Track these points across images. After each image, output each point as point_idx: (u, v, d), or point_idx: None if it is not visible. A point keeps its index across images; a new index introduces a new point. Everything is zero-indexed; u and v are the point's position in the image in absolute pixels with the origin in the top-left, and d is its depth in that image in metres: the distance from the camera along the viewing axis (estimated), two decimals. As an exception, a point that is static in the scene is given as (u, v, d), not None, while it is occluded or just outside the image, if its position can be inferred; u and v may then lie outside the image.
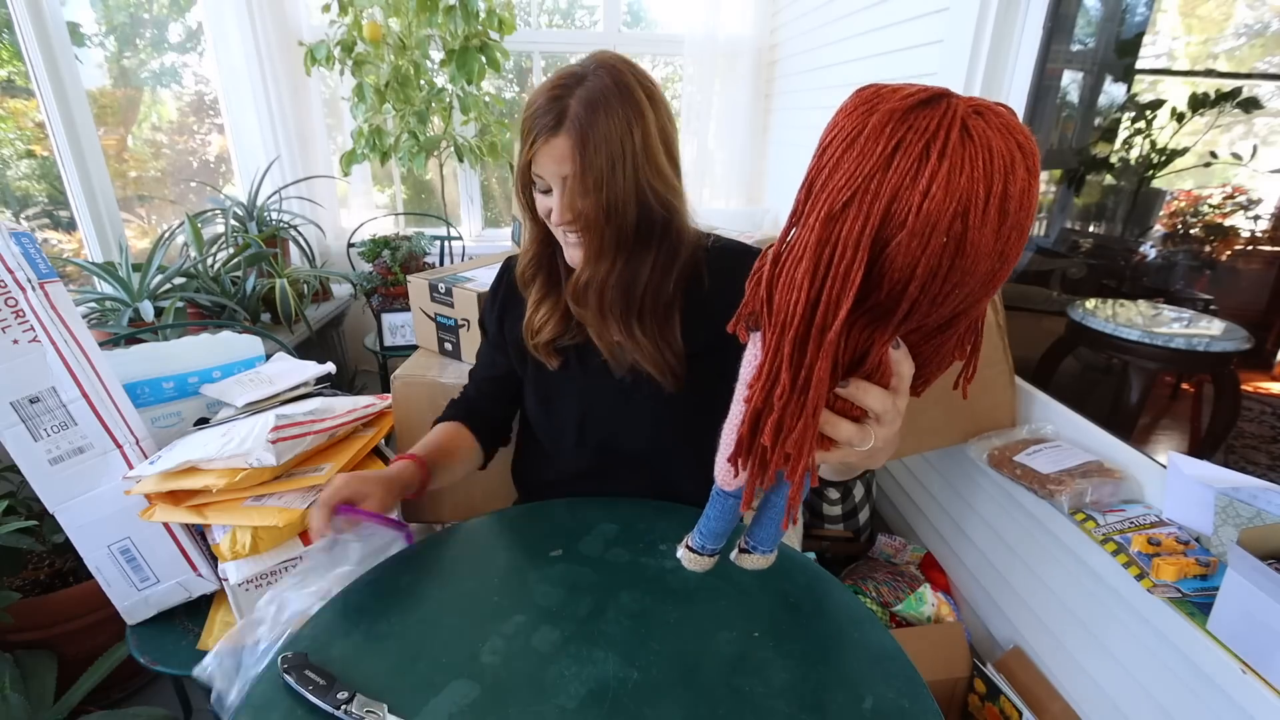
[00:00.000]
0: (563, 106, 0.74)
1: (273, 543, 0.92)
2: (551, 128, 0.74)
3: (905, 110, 0.37)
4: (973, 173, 0.36)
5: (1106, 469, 1.05)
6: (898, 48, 1.61)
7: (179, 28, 2.48)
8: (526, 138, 0.77)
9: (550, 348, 0.89)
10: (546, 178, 0.77)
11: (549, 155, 0.75)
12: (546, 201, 0.80)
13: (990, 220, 0.36)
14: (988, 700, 1.19)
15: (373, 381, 2.82)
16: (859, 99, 0.39)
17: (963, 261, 0.37)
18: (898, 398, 0.44)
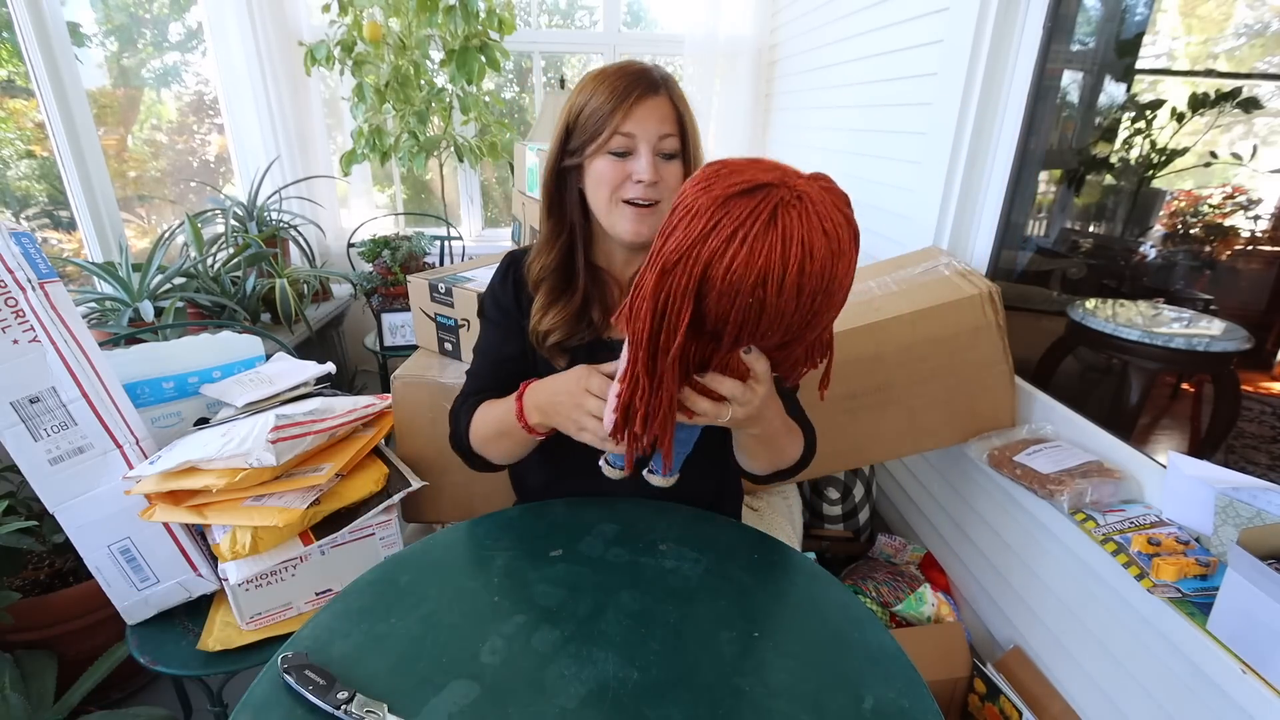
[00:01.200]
0: (657, 76, 0.79)
1: (273, 543, 0.92)
2: (653, 88, 0.78)
3: (727, 197, 0.49)
4: (769, 254, 0.47)
5: (1106, 469, 1.05)
6: (898, 48, 1.61)
7: (179, 27, 2.48)
8: (615, 97, 0.77)
9: (559, 349, 0.88)
10: (639, 136, 0.78)
11: (651, 111, 0.77)
12: (622, 167, 0.79)
13: (788, 290, 0.48)
14: (988, 700, 1.19)
15: (373, 381, 2.82)
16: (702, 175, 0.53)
17: (769, 316, 0.50)
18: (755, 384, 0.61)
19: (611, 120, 0.77)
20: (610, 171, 0.79)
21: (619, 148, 0.78)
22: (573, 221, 0.87)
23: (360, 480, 1.02)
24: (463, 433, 0.91)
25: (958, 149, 1.37)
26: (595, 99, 0.78)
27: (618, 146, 0.78)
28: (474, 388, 0.96)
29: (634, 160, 0.79)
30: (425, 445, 1.24)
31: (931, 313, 1.17)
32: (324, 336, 2.36)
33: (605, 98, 0.78)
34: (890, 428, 1.23)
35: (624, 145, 0.78)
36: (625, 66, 0.80)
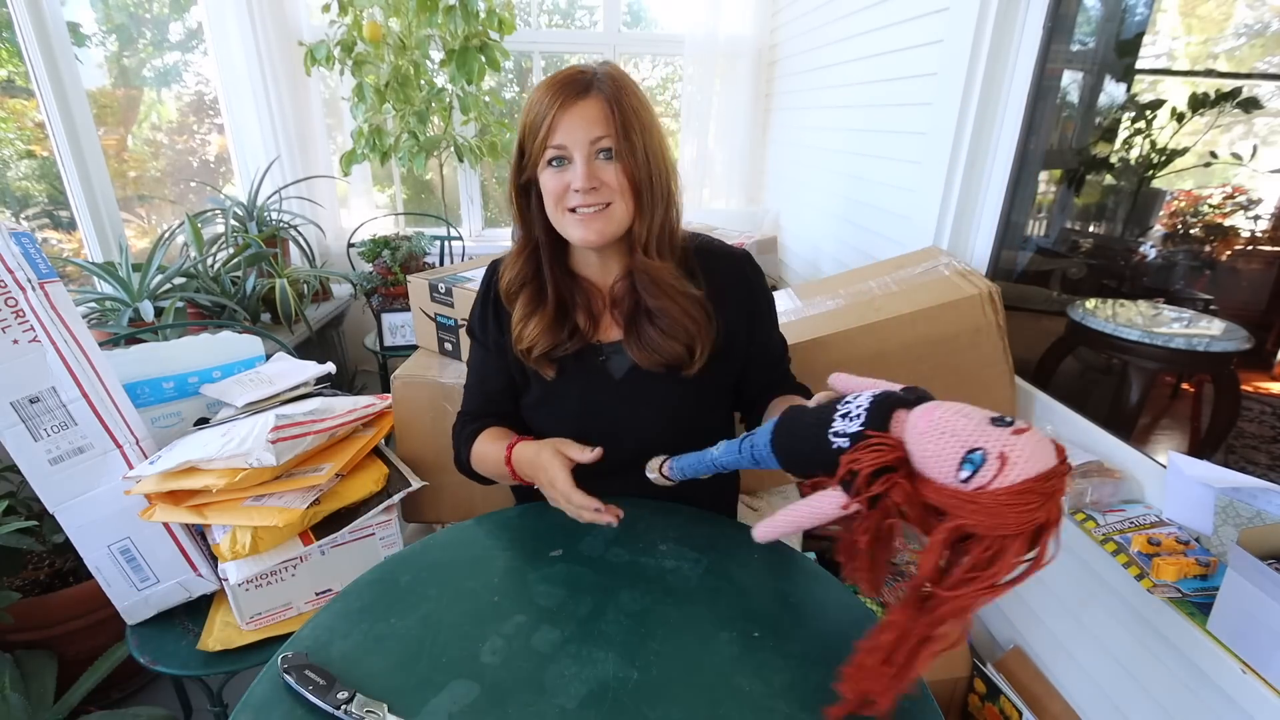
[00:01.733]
0: (588, 78, 0.77)
1: (273, 543, 0.92)
2: (579, 92, 0.76)
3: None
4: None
5: (1106, 469, 1.05)
6: (898, 48, 1.61)
7: (179, 27, 2.48)
8: (544, 109, 0.76)
9: (546, 359, 0.87)
10: (569, 145, 0.77)
11: (579, 116, 0.76)
12: (561, 177, 0.78)
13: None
14: (988, 700, 1.19)
15: (373, 381, 2.82)
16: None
17: None
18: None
19: (541, 133, 0.77)
20: (552, 183, 0.79)
21: (555, 158, 0.78)
22: (538, 235, 0.86)
23: (360, 480, 1.02)
24: (464, 459, 0.95)
25: (958, 149, 1.37)
26: (533, 111, 0.78)
27: (553, 157, 0.78)
28: (468, 408, 0.98)
29: (569, 169, 0.78)
30: (425, 445, 1.24)
31: (931, 313, 1.17)
32: (324, 336, 2.36)
33: (535, 112, 0.78)
34: (890, 428, 1.23)
35: (559, 154, 0.78)
36: (557, 75, 0.79)
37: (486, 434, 0.93)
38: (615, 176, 0.78)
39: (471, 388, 0.98)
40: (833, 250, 2.07)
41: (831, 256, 2.08)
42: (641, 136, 0.78)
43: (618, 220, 0.80)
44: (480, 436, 0.93)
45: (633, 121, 0.77)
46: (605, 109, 0.76)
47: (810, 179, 2.27)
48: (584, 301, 0.88)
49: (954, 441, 0.52)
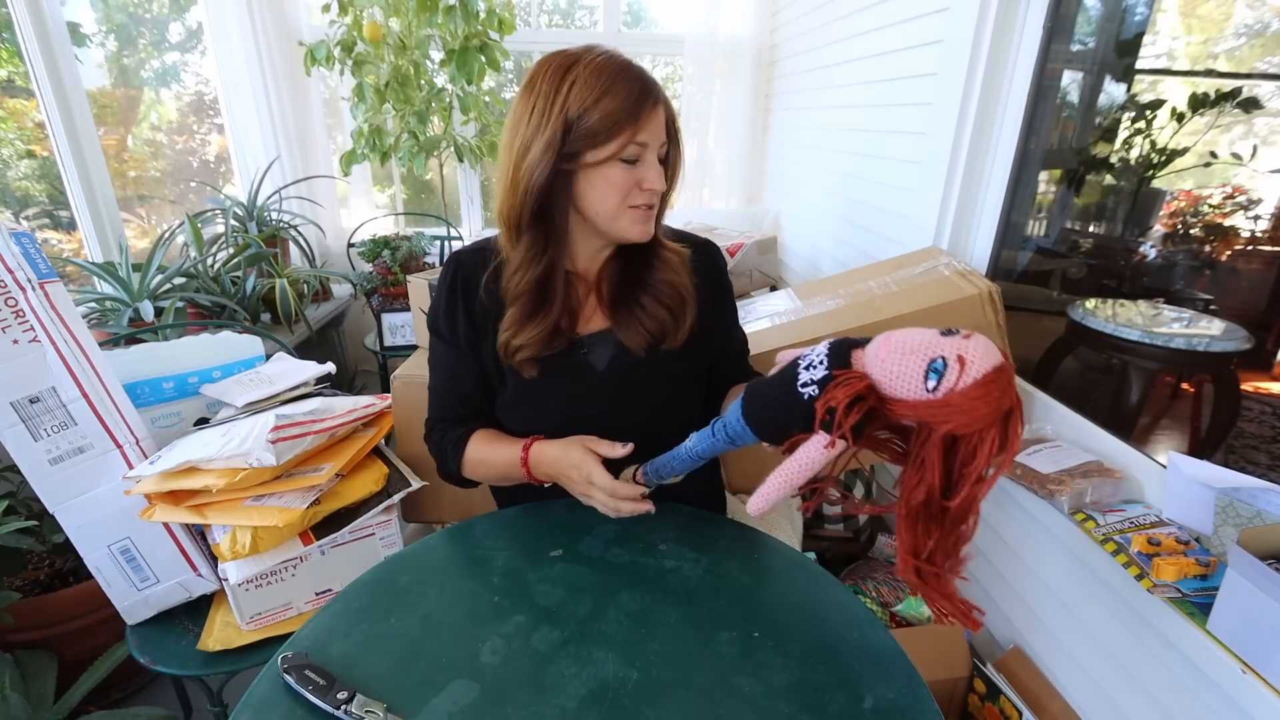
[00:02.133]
0: (655, 82, 0.79)
1: (273, 543, 0.92)
2: (657, 95, 0.78)
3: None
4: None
5: (1106, 469, 1.05)
6: (898, 48, 1.61)
7: (179, 27, 2.48)
8: (633, 102, 0.75)
9: (529, 361, 0.85)
10: (650, 145, 0.78)
11: (656, 118, 0.78)
12: (632, 174, 0.78)
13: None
14: (988, 700, 1.19)
15: (373, 381, 2.82)
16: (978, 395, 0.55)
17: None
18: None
19: (627, 128, 0.76)
20: (623, 179, 0.78)
21: (632, 155, 0.78)
22: (561, 231, 0.82)
23: (360, 480, 1.02)
24: (453, 468, 0.91)
25: (958, 149, 1.37)
26: (606, 101, 0.75)
27: (631, 155, 0.77)
28: (443, 411, 0.94)
29: (642, 168, 0.78)
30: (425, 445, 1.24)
31: (931, 313, 1.16)
32: (324, 336, 2.36)
33: (619, 102, 0.75)
34: (890, 428, 1.23)
35: (636, 154, 0.78)
36: (627, 68, 0.77)
37: (479, 437, 0.89)
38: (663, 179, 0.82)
39: (441, 391, 0.93)
40: (833, 250, 2.07)
41: (831, 256, 2.08)
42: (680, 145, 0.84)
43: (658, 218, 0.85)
44: (472, 441, 0.89)
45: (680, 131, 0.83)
46: (666, 113, 0.80)
47: (810, 179, 2.27)
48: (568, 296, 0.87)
49: (915, 358, 0.58)
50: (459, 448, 0.89)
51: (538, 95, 0.79)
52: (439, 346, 0.92)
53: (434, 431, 0.94)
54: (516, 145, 0.80)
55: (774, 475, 0.64)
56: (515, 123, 0.81)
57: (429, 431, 0.95)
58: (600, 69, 0.76)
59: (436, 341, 0.92)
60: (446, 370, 0.92)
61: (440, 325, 0.90)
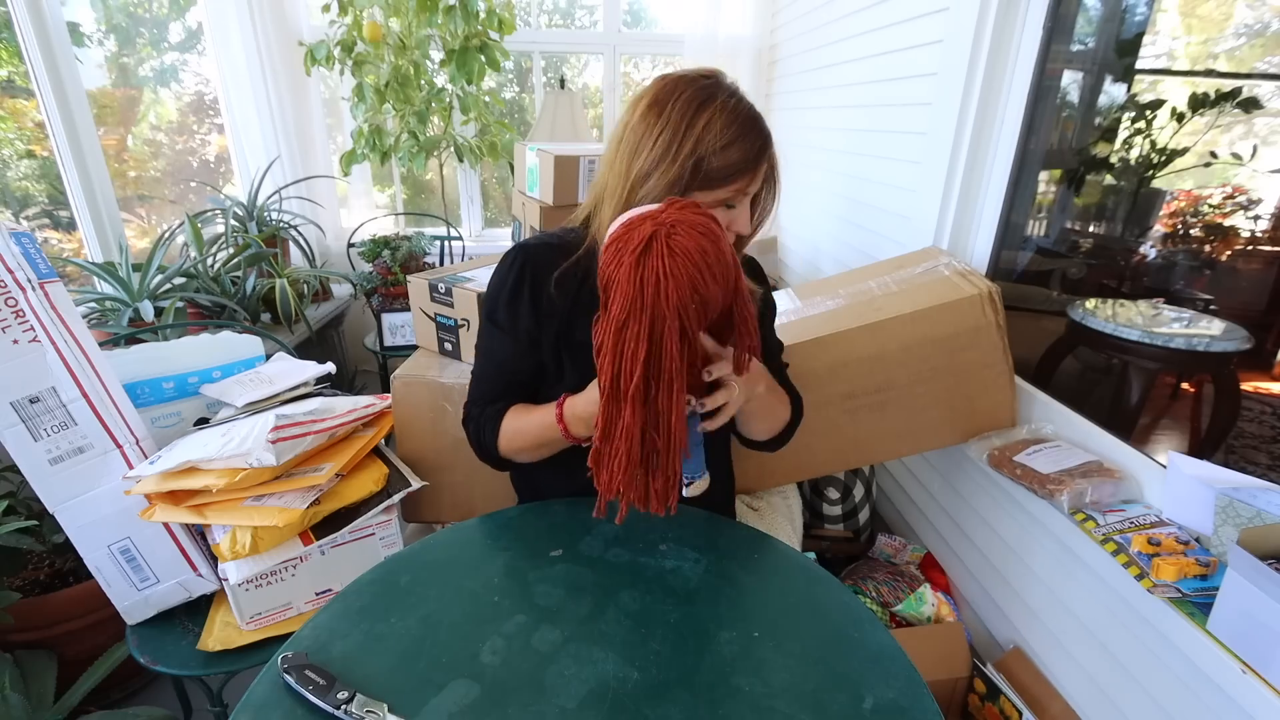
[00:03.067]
0: (768, 131, 0.80)
1: (273, 543, 0.92)
2: (770, 149, 0.80)
3: (634, 255, 0.63)
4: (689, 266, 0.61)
5: (1106, 469, 1.05)
6: (898, 48, 1.61)
7: (179, 28, 2.48)
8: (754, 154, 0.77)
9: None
10: (746, 194, 0.80)
11: (762, 174, 0.80)
12: (726, 215, 0.80)
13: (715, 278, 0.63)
14: (988, 700, 1.19)
15: (373, 381, 2.82)
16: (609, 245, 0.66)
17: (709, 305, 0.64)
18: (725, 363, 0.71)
19: (743, 179, 0.77)
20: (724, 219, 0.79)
21: (734, 202, 0.79)
22: None
23: (360, 480, 1.02)
24: (489, 444, 0.90)
25: (958, 149, 1.37)
26: (733, 151, 0.76)
27: (733, 201, 0.79)
28: (485, 395, 0.94)
29: (736, 212, 0.80)
30: (425, 445, 1.24)
31: (931, 313, 1.17)
32: (324, 336, 2.36)
33: (742, 154, 0.77)
34: (890, 428, 1.23)
35: (737, 200, 0.79)
36: (758, 122, 0.79)
37: (513, 410, 0.90)
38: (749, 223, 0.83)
39: (489, 376, 0.94)
40: (833, 250, 2.07)
41: (831, 256, 2.08)
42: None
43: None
44: (507, 414, 0.90)
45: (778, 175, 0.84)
46: (770, 162, 0.81)
47: (810, 179, 2.27)
48: None
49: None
50: (495, 421, 0.90)
51: (666, 123, 0.77)
52: (493, 334, 0.92)
53: (471, 410, 0.94)
54: (637, 168, 0.79)
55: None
56: (636, 142, 0.79)
57: (467, 415, 0.95)
58: (735, 114, 0.77)
59: (491, 328, 0.92)
60: (499, 357, 0.92)
61: (499, 313, 0.90)
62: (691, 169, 0.76)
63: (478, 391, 0.95)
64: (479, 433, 0.92)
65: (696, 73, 0.80)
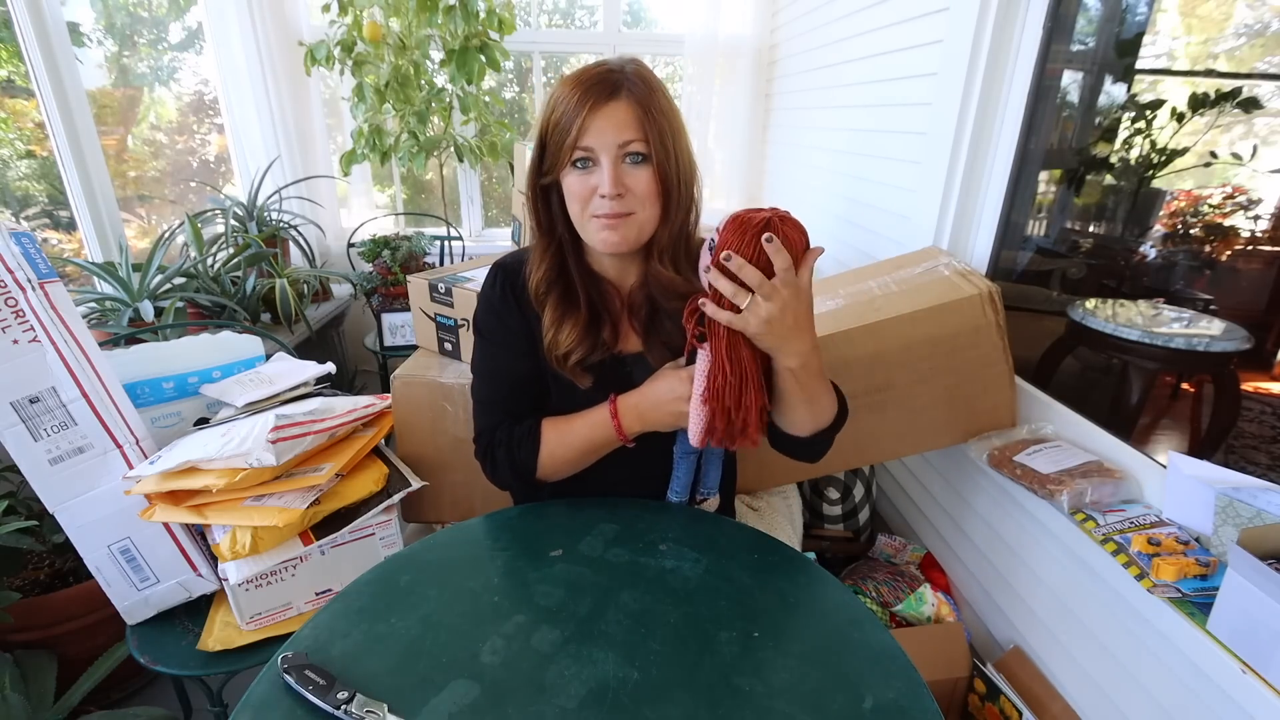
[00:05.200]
0: (617, 78, 0.75)
1: (273, 543, 0.92)
2: (609, 94, 0.74)
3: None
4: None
5: (1106, 469, 1.04)
6: (898, 48, 1.61)
7: (179, 27, 2.48)
8: (571, 109, 0.74)
9: (580, 367, 0.84)
10: (597, 149, 0.75)
11: (608, 119, 0.74)
12: (587, 180, 0.76)
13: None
14: (988, 700, 1.19)
15: (373, 381, 2.82)
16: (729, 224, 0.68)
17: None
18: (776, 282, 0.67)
19: (570, 134, 0.75)
20: (578, 186, 0.77)
21: (581, 159, 0.76)
22: (560, 234, 0.85)
23: (360, 480, 1.02)
24: (527, 463, 0.86)
25: (958, 149, 1.37)
26: (557, 110, 0.76)
27: (579, 159, 0.76)
28: (498, 413, 0.89)
29: (595, 173, 0.76)
30: (425, 445, 1.24)
31: (931, 313, 1.17)
32: (324, 336, 2.36)
33: (564, 109, 0.75)
34: (890, 428, 1.23)
35: (586, 156, 0.76)
36: (584, 71, 0.76)
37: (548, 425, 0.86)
38: (645, 182, 0.76)
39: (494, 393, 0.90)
40: (833, 250, 2.07)
41: (831, 256, 2.08)
42: (672, 140, 0.77)
43: (641, 226, 0.79)
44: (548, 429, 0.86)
45: (664, 124, 0.76)
46: (636, 111, 0.74)
47: (810, 179, 2.27)
48: (605, 306, 0.87)
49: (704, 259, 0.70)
50: (533, 435, 0.86)
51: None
52: (491, 351, 0.89)
53: (497, 433, 0.88)
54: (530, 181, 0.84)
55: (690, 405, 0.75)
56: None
57: (485, 443, 0.89)
58: (565, 79, 0.77)
59: (487, 346, 0.89)
60: (499, 369, 0.89)
61: (492, 329, 0.88)
62: (539, 147, 0.79)
63: (490, 416, 0.90)
64: (513, 455, 0.86)
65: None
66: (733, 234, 0.66)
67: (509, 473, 0.88)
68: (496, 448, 0.87)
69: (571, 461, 0.87)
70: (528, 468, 0.86)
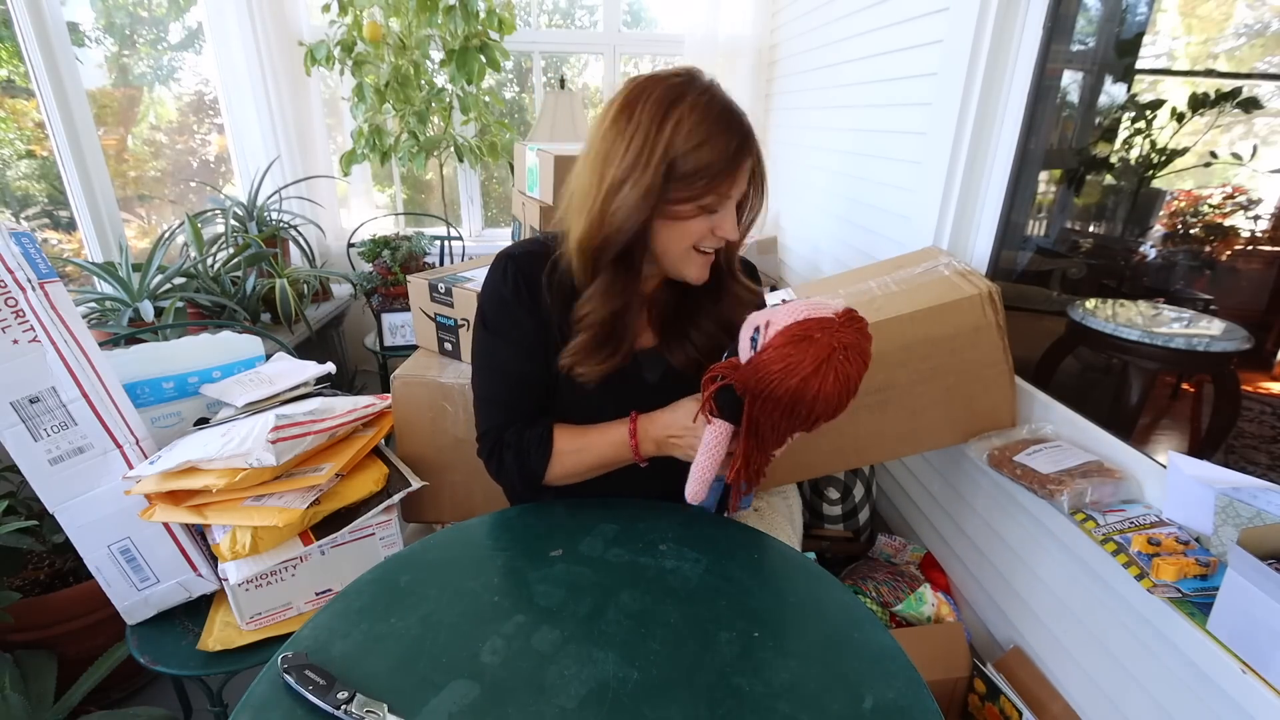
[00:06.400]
0: (751, 132, 0.78)
1: (273, 543, 0.92)
2: (751, 146, 0.77)
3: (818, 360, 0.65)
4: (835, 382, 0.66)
5: (1106, 469, 1.04)
6: (898, 48, 1.61)
7: (179, 27, 2.48)
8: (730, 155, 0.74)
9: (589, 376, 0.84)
10: (734, 197, 0.77)
11: (745, 172, 0.77)
12: (708, 222, 0.77)
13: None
14: (988, 700, 1.19)
15: (373, 381, 2.82)
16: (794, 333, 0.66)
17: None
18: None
19: (721, 183, 0.74)
20: (700, 227, 0.77)
21: (715, 206, 0.77)
22: (640, 269, 0.81)
23: (360, 480, 1.02)
24: (536, 469, 0.85)
25: (958, 149, 1.37)
26: (706, 151, 0.72)
27: (714, 206, 0.76)
28: (505, 413, 0.87)
29: (720, 216, 0.77)
30: (425, 445, 1.24)
31: (931, 313, 1.16)
32: (324, 336, 2.36)
33: (717, 154, 0.73)
34: (890, 428, 1.23)
35: (719, 205, 0.77)
36: (733, 117, 0.75)
37: (562, 430, 0.86)
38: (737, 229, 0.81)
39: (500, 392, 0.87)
40: (833, 250, 2.07)
41: (831, 256, 2.08)
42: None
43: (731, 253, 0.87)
44: (561, 439, 0.85)
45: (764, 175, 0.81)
46: (755, 162, 0.79)
47: (810, 179, 2.27)
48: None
49: (747, 332, 0.69)
50: (544, 441, 0.84)
51: (636, 128, 0.73)
52: (494, 344, 0.85)
53: (504, 435, 0.86)
54: (609, 178, 0.75)
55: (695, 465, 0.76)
56: (607, 150, 0.76)
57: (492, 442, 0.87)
58: (707, 111, 0.73)
59: (490, 339, 0.85)
60: (505, 366, 0.86)
61: (500, 321, 0.84)
62: (665, 174, 0.73)
63: (495, 416, 0.88)
64: (522, 460, 0.85)
65: (668, 72, 0.77)
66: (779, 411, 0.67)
67: (516, 476, 0.87)
68: (505, 450, 0.86)
69: (581, 474, 0.87)
70: (536, 475, 0.85)
